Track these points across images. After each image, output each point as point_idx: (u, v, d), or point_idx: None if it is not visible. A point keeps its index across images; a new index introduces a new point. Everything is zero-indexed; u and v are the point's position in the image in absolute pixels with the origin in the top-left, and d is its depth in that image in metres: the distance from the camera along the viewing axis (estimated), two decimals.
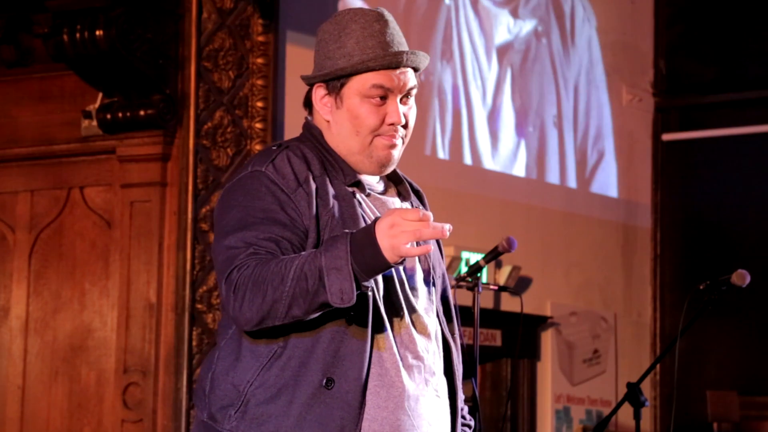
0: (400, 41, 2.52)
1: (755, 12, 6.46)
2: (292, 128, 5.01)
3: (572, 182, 6.48)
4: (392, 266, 2.27)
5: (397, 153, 2.52)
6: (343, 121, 2.51)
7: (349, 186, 2.50)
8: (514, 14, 6.29)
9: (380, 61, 2.48)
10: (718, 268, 4.21)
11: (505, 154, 6.22)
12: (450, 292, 2.63)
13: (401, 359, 2.44)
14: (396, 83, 2.49)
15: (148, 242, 4.79)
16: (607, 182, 6.67)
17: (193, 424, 2.53)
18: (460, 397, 2.62)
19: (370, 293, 2.39)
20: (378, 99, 2.49)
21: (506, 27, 6.27)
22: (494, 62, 6.16)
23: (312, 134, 2.55)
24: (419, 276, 2.53)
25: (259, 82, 4.90)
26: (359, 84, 2.49)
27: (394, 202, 2.57)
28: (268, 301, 2.30)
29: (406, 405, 2.43)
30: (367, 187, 2.53)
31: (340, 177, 2.50)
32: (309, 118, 2.59)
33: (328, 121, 2.54)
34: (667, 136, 6.63)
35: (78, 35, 4.66)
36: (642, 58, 6.80)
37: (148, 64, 4.75)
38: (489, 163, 6.14)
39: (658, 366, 6.06)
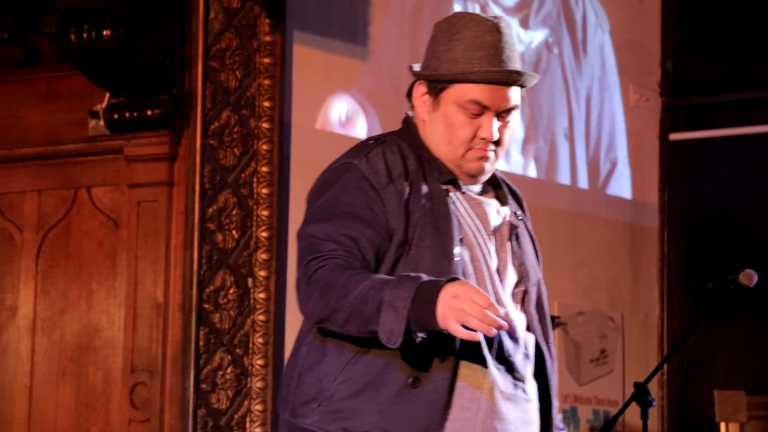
0: (510, 56, 2.48)
1: (764, 11, 6.45)
2: (299, 128, 5.00)
3: (581, 183, 6.47)
4: (441, 330, 2.23)
5: (489, 165, 2.49)
6: (437, 124, 2.48)
7: (444, 184, 2.46)
8: (525, 25, 6.24)
9: (483, 76, 2.43)
10: (725, 268, 4.20)
11: (514, 167, 6.21)
12: (545, 300, 2.58)
13: (489, 361, 2.41)
14: (494, 101, 2.45)
15: (155, 242, 4.80)
16: (614, 182, 6.66)
17: (280, 425, 2.50)
18: (554, 404, 2.59)
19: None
20: (473, 113, 2.45)
21: (517, 37, 6.23)
22: None
23: (410, 129, 2.52)
24: (511, 281, 2.50)
25: (266, 81, 4.90)
26: (458, 94, 2.45)
27: (491, 203, 2.54)
28: (330, 308, 2.30)
29: (491, 408, 2.40)
30: (462, 185, 2.49)
31: (435, 174, 2.46)
32: (409, 113, 2.56)
33: (424, 120, 2.50)
34: (674, 136, 6.61)
35: (85, 35, 4.66)
36: (649, 58, 6.78)
37: (155, 64, 4.75)
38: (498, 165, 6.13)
39: (665, 366, 6.05)
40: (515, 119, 2.51)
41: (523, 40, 6.26)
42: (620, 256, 6.57)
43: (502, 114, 2.47)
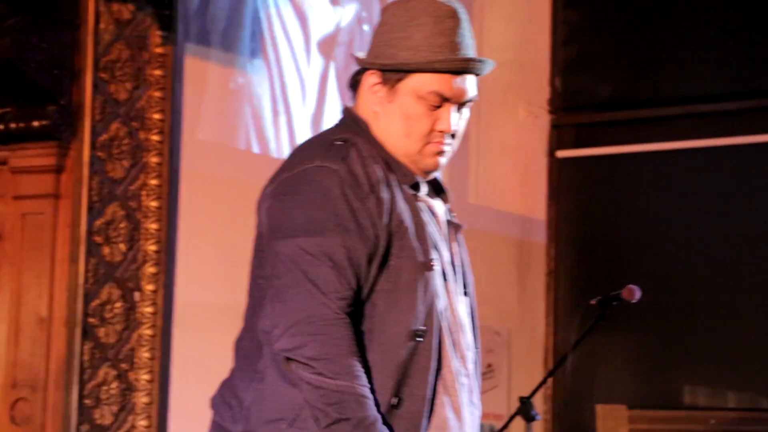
0: (469, 44, 2.35)
1: (649, 33, 6.59)
2: (190, 141, 4.98)
3: (466, 196, 6.53)
4: None
5: (444, 160, 2.38)
6: (393, 117, 2.35)
7: (409, 187, 2.36)
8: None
9: (447, 65, 2.30)
10: (610, 284, 4.28)
11: None
12: (475, 302, 2.51)
13: (457, 377, 2.36)
14: (456, 92, 2.33)
15: (40, 255, 4.74)
16: (503, 197, 6.73)
17: None
18: None
19: (436, 307, 2.30)
20: (433, 105, 2.34)
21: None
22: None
23: (360, 128, 2.37)
24: (460, 286, 2.44)
25: (157, 94, 4.86)
26: (418, 84, 2.32)
27: (439, 204, 2.45)
28: (321, 371, 2.20)
29: (458, 426, 2.36)
30: (421, 188, 2.40)
31: (399, 177, 2.35)
32: (349, 106, 2.43)
33: (375, 112, 2.38)
34: (561, 153, 6.72)
35: None
36: (539, 76, 6.88)
37: (43, 74, 4.70)
38: None
39: (550, 380, 6.13)
40: (468, 113, 2.40)
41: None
42: (508, 272, 6.65)
43: (461, 106, 2.37)
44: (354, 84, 2.43)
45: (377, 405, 2.26)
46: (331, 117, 5.47)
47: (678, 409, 5.89)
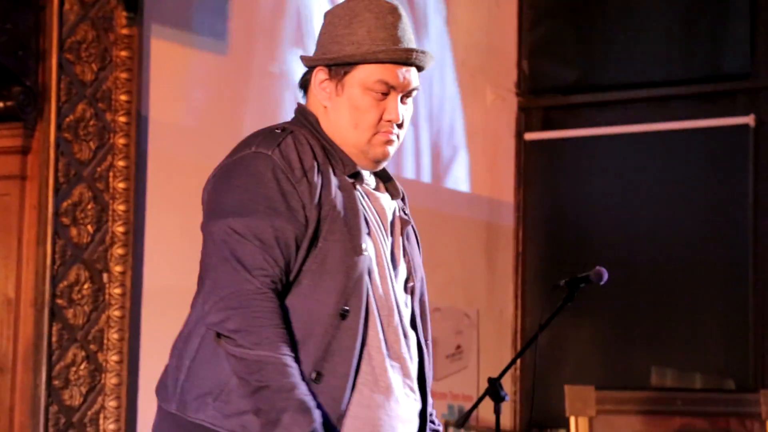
0: (410, 38, 2.48)
1: (615, 17, 6.61)
2: (157, 122, 4.96)
3: (435, 180, 6.54)
4: None
5: (392, 150, 2.48)
6: (342, 109, 2.46)
7: (349, 177, 2.45)
8: None
9: (390, 55, 2.42)
10: (578, 266, 4.30)
11: None
12: (426, 297, 2.61)
13: (387, 358, 2.43)
14: (400, 81, 2.45)
15: (6, 237, 4.71)
16: (471, 180, 6.75)
17: (156, 417, 2.44)
18: (429, 402, 2.60)
19: (365, 290, 2.38)
20: (380, 94, 2.44)
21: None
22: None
23: (308, 120, 2.48)
24: (402, 277, 2.53)
25: (123, 75, 4.85)
26: (364, 75, 2.44)
27: (385, 197, 2.55)
28: (244, 343, 2.29)
29: (387, 405, 2.42)
30: (364, 178, 2.49)
31: (339, 167, 2.45)
32: (301, 103, 2.54)
33: (325, 107, 2.48)
34: (529, 136, 6.73)
35: None
36: (506, 59, 6.89)
37: (7, 56, 4.67)
38: None
39: (518, 361, 6.16)
40: (412, 104, 2.52)
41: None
42: (477, 254, 6.66)
43: (405, 96, 2.48)
44: (304, 84, 2.54)
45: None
46: None
47: (645, 390, 5.92)
